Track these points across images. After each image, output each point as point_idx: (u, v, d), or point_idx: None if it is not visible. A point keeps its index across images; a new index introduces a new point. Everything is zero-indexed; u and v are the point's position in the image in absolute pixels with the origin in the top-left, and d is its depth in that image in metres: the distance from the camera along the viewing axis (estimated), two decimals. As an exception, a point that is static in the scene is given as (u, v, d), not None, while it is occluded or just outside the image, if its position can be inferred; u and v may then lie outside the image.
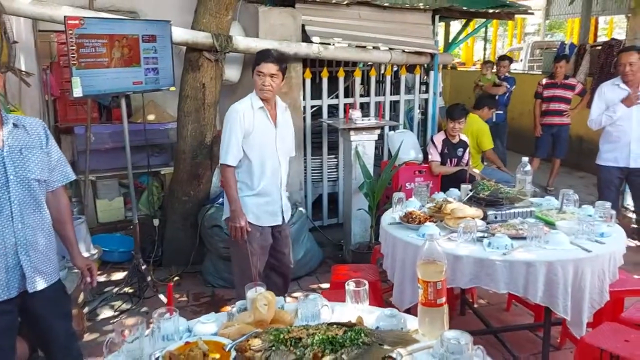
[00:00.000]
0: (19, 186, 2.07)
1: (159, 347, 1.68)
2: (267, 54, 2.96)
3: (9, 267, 2.07)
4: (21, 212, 2.08)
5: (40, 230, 2.16)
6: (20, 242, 2.08)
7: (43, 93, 5.04)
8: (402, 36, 5.17)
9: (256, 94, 3.00)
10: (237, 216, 2.97)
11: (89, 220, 5.01)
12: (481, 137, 5.18)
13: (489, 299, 3.93)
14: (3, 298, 2.07)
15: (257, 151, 3.00)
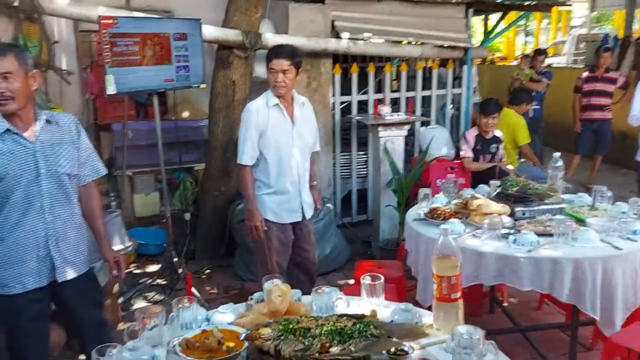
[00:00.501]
0: (50, 180, 2.15)
1: (178, 335, 1.73)
2: (277, 50, 2.96)
3: (40, 258, 2.16)
4: (52, 205, 2.16)
5: (71, 223, 2.25)
6: (51, 233, 2.17)
7: (83, 91, 5.24)
8: (434, 30, 5.11)
9: (271, 91, 3.01)
10: (253, 216, 3.01)
11: (126, 214, 5.19)
12: (517, 131, 5.07)
13: (519, 298, 3.84)
14: (34, 286, 2.17)
15: (273, 149, 3.00)
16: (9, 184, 2.07)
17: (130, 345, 1.66)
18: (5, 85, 2.00)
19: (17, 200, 2.09)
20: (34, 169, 2.11)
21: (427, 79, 5.54)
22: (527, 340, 3.10)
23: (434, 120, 5.55)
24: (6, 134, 2.06)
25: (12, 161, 2.06)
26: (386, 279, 3.17)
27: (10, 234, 2.11)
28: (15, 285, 2.13)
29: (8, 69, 2.00)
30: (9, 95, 2.01)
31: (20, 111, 2.07)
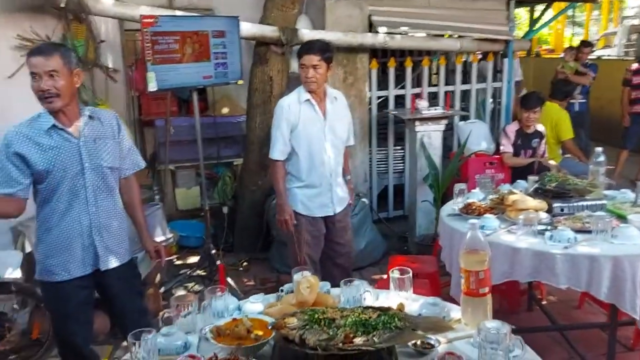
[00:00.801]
0: (93, 173, 2.25)
1: (210, 323, 1.79)
2: (307, 46, 3.00)
3: (84, 247, 2.27)
4: (95, 197, 2.27)
5: (113, 214, 2.35)
6: (94, 224, 2.27)
7: (128, 88, 5.42)
8: (473, 23, 5.01)
9: (303, 87, 3.04)
10: (282, 210, 3.07)
11: (169, 207, 5.35)
12: (560, 126, 4.92)
13: (559, 296, 3.75)
14: (79, 274, 2.28)
15: (305, 144, 3.04)
16: (55, 177, 2.18)
17: (164, 330, 1.74)
18: (51, 83, 2.10)
19: (63, 192, 2.20)
20: (79, 163, 2.22)
21: (467, 72, 5.45)
22: (565, 339, 3.03)
23: (473, 115, 5.45)
24: (52, 129, 2.17)
25: (58, 155, 2.17)
26: (420, 274, 3.22)
27: (57, 224, 2.23)
28: (61, 272, 2.25)
29: (54, 68, 2.10)
30: (55, 93, 2.12)
31: (65, 108, 2.18)
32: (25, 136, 2.15)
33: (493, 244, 2.53)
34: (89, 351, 2.41)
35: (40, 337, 3.20)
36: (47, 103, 2.13)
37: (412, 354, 1.62)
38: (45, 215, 2.24)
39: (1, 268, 2.92)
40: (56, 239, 2.24)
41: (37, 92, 2.12)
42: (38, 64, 2.09)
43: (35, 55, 2.10)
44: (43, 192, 2.21)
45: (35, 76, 2.10)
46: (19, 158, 2.13)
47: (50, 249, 2.24)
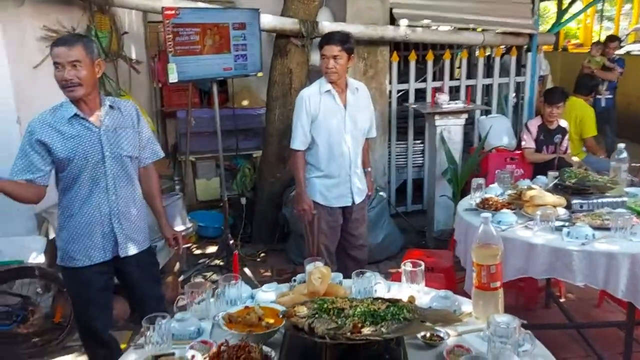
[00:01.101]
0: (113, 162, 2.30)
1: (223, 310, 1.83)
2: (327, 36, 3.03)
3: (104, 234, 2.33)
4: (115, 185, 2.32)
5: (132, 202, 2.40)
6: (114, 211, 2.33)
7: (151, 80, 5.50)
8: (497, 16, 4.94)
9: (324, 78, 3.07)
10: (301, 199, 3.10)
11: (189, 197, 5.43)
12: (584, 122, 4.84)
13: (578, 294, 3.71)
14: (99, 260, 2.34)
15: (325, 134, 3.07)
16: (77, 165, 2.24)
17: (178, 316, 1.78)
18: (74, 72, 2.15)
19: (84, 180, 2.26)
20: (99, 152, 2.27)
21: (490, 66, 5.38)
22: (582, 337, 3.00)
23: (495, 109, 5.39)
24: (74, 118, 2.23)
25: (80, 144, 2.23)
26: (435, 268, 3.22)
27: (78, 211, 2.29)
28: (82, 258, 2.31)
29: (77, 58, 2.15)
30: (77, 82, 2.17)
31: (86, 97, 2.23)
32: (48, 124, 2.20)
33: (509, 239, 2.52)
34: (108, 335, 2.47)
35: (62, 321, 3.29)
36: (69, 92, 2.18)
37: (422, 345, 1.63)
38: (67, 202, 2.30)
39: (25, 253, 3.01)
40: (77, 226, 2.29)
41: (60, 82, 2.17)
42: (61, 54, 2.14)
43: (59, 45, 2.16)
44: (64, 180, 2.27)
45: (58, 66, 2.15)
46: (41, 145, 2.19)
47: (72, 235, 2.30)
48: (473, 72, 5.44)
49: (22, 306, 3.13)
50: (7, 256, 2.94)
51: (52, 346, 3.22)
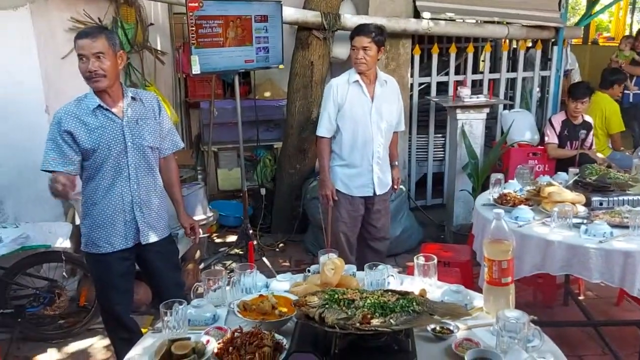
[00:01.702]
0: (135, 152, 2.37)
1: (238, 298, 1.88)
2: (358, 28, 3.07)
3: (126, 221, 2.40)
4: (137, 175, 2.38)
5: (153, 191, 2.47)
6: (136, 200, 2.39)
7: (175, 71, 5.57)
8: (522, 9, 4.87)
9: (353, 68, 3.11)
10: (324, 185, 3.19)
11: (211, 187, 5.51)
12: (611, 118, 4.75)
13: (598, 292, 3.68)
14: (121, 247, 2.41)
15: (350, 123, 3.12)
16: (100, 155, 2.30)
17: (195, 302, 1.84)
18: (98, 64, 2.21)
19: (107, 169, 2.33)
20: (122, 142, 2.33)
21: (514, 60, 5.31)
22: (599, 335, 2.98)
23: (519, 104, 5.32)
24: (98, 109, 2.29)
25: (103, 134, 2.29)
26: (452, 263, 3.23)
27: (102, 200, 2.36)
28: (105, 245, 2.39)
29: (100, 50, 2.21)
30: (101, 74, 2.23)
31: (109, 89, 2.29)
32: (74, 115, 2.27)
33: (526, 235, 2.53)
34: (129, 319, 2.55)
35: (87, 304, 3.41)
36: (93, 83, 2.24)
37: (431, 338, 1.66)
38: (90, 191, 2.37)
39: (52, 238, 3.11)
40: (100, 214, 2.37)
41: (84, 73, 2.23)
42: (85, 45, 2.19)
43: (83, 37, 2.21)
44: (88, 169, 2.34)
45: (82, 58, 2.21)
46: (69, 136, 2.26)
47: (95, 223, 2.38)
48: (497, 66, 5.38)
49: (49, 289, 3.25)
50: (35, 241, 3.04)
51: (76, 328, 3.33)
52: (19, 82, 3.19)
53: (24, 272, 3.20)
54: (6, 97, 3.17)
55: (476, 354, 1.47)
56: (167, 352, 1.50)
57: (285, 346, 1.53)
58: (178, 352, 1.49)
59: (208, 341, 1.58)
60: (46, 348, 3.21)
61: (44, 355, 3.16)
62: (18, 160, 3.27)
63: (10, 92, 3.18)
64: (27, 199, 3.34)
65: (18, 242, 3.00)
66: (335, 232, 3.26)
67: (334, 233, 3.26)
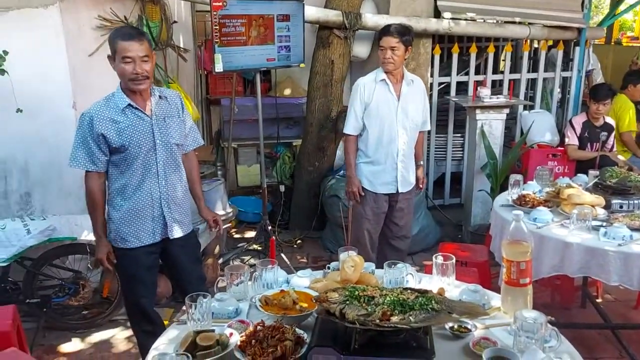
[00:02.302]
0: (164, 149, 2.43)
1: (260, 292, 1.93)
2: (386, 28, 3.12)
3: (155, 217, 2.46)
4: (165, 172, 2.45)
5: (179, 187, 2.53)
6: (164, 196, 2.46)
7: (197, 68, 5.65)
8: (544, 9, 4.84)
9: (381, 68, 3.16)
10: (351, 182, 3.27)
11: (230, 183, 5.58)
12: (621, 117, 4.68)
13: (616, 295, 3.66)
14: (149, 242, 2.48)
15: (376, 122, 3.18)
16: (132, 153, 2.36)
17: (218, 296, 1.89)
18: (144, 67, 2.28)
19: (138, 166, 2.39)
20: (151, 140, 2.39)
21: (535, 60, 5.28)
22: (617, 338, 2.97)
23: (539, 105, 5.29)
24: (128, 108, 2.35)
25: (134, 133, 2.35)
26: (469, 263, 3.24)
27: (131, 196, 2.42)
28: (133, 240, 2.45)
29: (146, 53, 2.29)
30: (146, 75, 2.30)
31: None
32: (105, 115, 2.33)
33: (544, 237, 2.54)
34: (153, 312, 2.62)
35: (110, 295, 3.49)
36: (137, 85, 2.30)
37: (449, 336, 1.68)
38: (120, 188, 2.43)
39: (78, 230, 3.19)
40: (129, 210, 2.42)
41: (129, 75, 2.27)
42: (134, 48, 2.25)
43: (128, 40, 2.26)
44: (118, 167, 2.40)
45: (129, 60, 2.26)
46: (101, 136, 2.32)
47: (124, 219, 2.43)
48: (517, 66, 5.35)
49: (74, 280, 3.34)
50: (61, 233, 3.13)
51: (99, 319, 3.42)
52: (47, 78, 3.28)
53: (51, 263, 3.30)
54: (35, 93, 3.26)
55: (493, 352, 1.50)
56: (192, 343, 1.56)
57: (306, 340, 1.58)
58: (203, 344, 1.55)
59: (231, 334, 1.63)
60: (70, 337, 3.31)
61: (68, 344, 3.25)
62: (46, 154, 3.37)
63: (39, 88, 3.27)
64: (54, 192, 3.43)
65: (45, 234, 3.09)
66: (358, 229, 3.33)
67: (358, 230, 3.33)
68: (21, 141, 3.32)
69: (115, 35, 2.31)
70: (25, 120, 3.21)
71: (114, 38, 2.29)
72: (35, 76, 3.24)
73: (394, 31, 3.06)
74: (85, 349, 3.21)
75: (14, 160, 3.34)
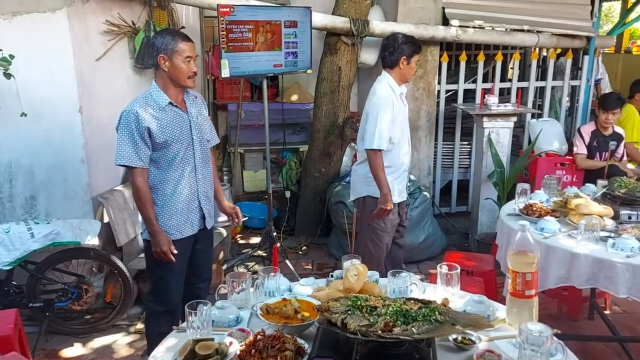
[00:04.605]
0: (199, 145, 2.55)
1: (262, 300, 1.91)
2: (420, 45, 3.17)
3: (194, 209, 2.56)
4: (200, 166, 2.56)
5: (210, 181, 2.65)
6: (201, 190, 2.57)
7: (205, 73, 5.66)
8: (552, 18, 4.81)
9: (394, 79, 3.11)
10: (388, 200, 3.02)
11: (236, 188, 5.58)
12: (625, 126, 4.62)
13: (625, 307, 3.61)
14: (189, 234, 2.57)
15: (397, 131, 3.12)
16: (174, 148, 2.46)
17: (219, 304, 1.87)
18: (194, 66, 2.44)
19: (179, 162, 2.49)
20: (189, 136, 2.51)
21: (544, 68, 5.24)
22: (625, 351, 2.92)
23: (547, 113, 5.25)
24: (168, 106, 2.44)
25: (175, 129, 2.45)
26: (475, 272, 3.21)
27: (174, 191, 2.50)
28: (175, 233, 2.53)
29: (194, 53, 2.44)
30: (195, 74, 2.45)
31: None
32: (148, 112, 2.40)
33: (551, 247, 2.50)
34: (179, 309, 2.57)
35: (113, 300, 3.48)
36: (192, 82, 2.47)
37: (453, 348, 1.65)
38: (162, 183, 2.50)
39: (82, 235, 3.19)
40: (173, 203, 2.51)
41: (188, 72, 2.42)
42: (192, 50, 2.44)
43: (188, 41, 2.43)
44: (159, 164, 2.48)
45: (190, 59, 2.41)
46: (147, 130, 2.39)
47: (166, 213, 2.51)
48: (526, 74, 5.31)
49: (77, 285, 3.33)
50: (65, 237, 3.13)
51: (102, 324, 3.41)
52: (54, 82, 3.29)
53: (54, 267, 3.29)
54: (42, 97, 3.27)
55: (498, 366, 1.47)
56: (190, 352, 1.54)
57: (306, 350, 1.55)
58: (202, 353, 1.52)
59: (231, 343, 1.60)
60: (72, 342, 3.30)
61: (70, 349, 3.24)
62: (51, 158, 3.37)
63: (46, 92, 3.28)
64: (59, 196, 3.43)
65: (49, 238, 3.09)
66: (378, 245, 3.19)
67: (377, 248, 3.19)
68: (27, 145, 3.33)
69: (174, 36, 2.43)
70: (31, 124, 3.22)
71: (174, 39, 2.41)
72: (41, 80, 3.25)
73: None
74: (87, 354, 3.19)
75: (19, 163, 3.35)
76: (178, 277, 2.59)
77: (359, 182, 3.22)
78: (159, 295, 2.61)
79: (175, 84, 2.45)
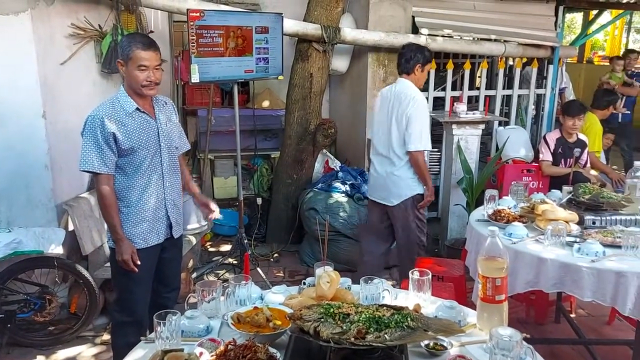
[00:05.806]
0: (167, 152, 2.49)
1: (232, 309, 1.87)
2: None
3: (160, 218, 2.51)
4: (168, 173, 2.51)
5: (178, 189, 2.60)
6: (168, 198, 2.52)
7: (174, 78, 5.59)
8: (519, 28, 4.93)
9: (415, 84, 3.42)
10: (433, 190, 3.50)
11: (206, 195, 5.45)
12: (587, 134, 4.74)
13: (590, 310, 3.70)
14: (155, 242, 2.52)
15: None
16: (140, 155, 2.40)
17: (188, 314, 1.83)
18: (157, 75, 2.37)
19: (145, 169, 2.43)
20: (157, 143, 2.45)
21: (510, 77, 5.36)
22: (590, 354, 2.99)
23: (514, 121, 5.37)
24: (135, 112, 2.39)
25: (142, 135, 2.40)
26: (445, 278, 3.23)
27: (139, 198, 2.44)
28: (140, 241, 2.47)
29: (159, 62, 2.38)
30: (157, 82, 2.38)
31: None
32: (113, 117, 2.34)
33: (519, 252, 2.54)
34: (147, 321, 2.52)
35: (77, 311, 3.38)
36: (149, 90, 2.38)
37: (424, 354, 1.65)
38: (126, 190, 2.43)
39: (45, 244, 3.09)
40: (138, 212, 2.45)
41: (142, 81, 2.34)
42: (151, 58, 2.34)
43: (147, 49, 2.33)
44: (125, 170, 2.42)
45: (144, 68, 2.33)
46: (112, 136, 2.33)
47: (131, 221, 2.44)
48: (493, 82, 5.42)
49: (40, 295, 3.23)
50: (27, 246, 3.02)
51: (66, 335, 3.31)
52: (17, 86, 3.19)
53: (16, 277, 3.18)
54: (4, 101, 3.17)
55: (469, 371, 1.48)
56: (160, 363, 1.50)
57: (279, 359, 1.53)
58: (171, 363, 1.49)
59: (201, 353, 1.57)
60: (35, 355, 3.19)
61: (33, 362, 3.13)
62: (12, 164, 3.27)
63: (8, 97, 3.18)
64: (21, 203, 3.32)
65: (10, 247, 2.98)
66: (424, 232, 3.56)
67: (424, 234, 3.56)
68: (-13, 151, 3.22)
69: (130, 42, 2.34)
70: (-8, 128, 3.11)
71: (130, 45, 2.33)
72: (3, 84, 3.15)
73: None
74: (51, 367, 3.10)
75: (-21, 170, 3.23)
76: (143, 287, 2.53)
77: (403, 187, 3.44)
78: (123, 304, 2.55)
79: (132, 91, 2.40)
